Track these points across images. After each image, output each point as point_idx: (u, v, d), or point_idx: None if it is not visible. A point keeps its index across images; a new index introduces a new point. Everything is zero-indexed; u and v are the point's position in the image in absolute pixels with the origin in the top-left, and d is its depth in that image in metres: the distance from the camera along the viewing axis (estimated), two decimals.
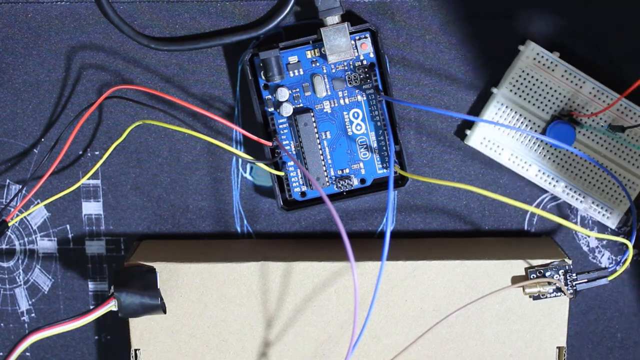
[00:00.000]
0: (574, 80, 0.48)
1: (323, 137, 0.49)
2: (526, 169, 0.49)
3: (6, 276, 0.53)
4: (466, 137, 0.49)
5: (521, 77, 0.48)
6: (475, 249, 0.50)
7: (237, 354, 0.49)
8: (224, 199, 0.52)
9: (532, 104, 0.48)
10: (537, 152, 0.49)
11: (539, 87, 0.48)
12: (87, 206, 0.52)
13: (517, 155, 0.49)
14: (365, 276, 0.48)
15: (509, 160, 0.49)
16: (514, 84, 0.48)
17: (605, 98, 0.48)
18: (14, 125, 0.51)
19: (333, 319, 0.48)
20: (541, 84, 0.48)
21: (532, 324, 0.48)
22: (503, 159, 0.49)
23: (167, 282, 0.48)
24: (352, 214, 0.52)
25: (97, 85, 0.50)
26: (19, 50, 0.50)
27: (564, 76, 0.48)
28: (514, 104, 0.48)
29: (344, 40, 0.47)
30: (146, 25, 0.49)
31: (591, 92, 0.48)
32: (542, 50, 0.48)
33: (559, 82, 0.48)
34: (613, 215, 0.50)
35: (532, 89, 0.48)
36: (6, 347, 0.54)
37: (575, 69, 0.48)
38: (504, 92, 0.48)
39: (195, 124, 0.51)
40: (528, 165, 0.49)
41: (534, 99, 0.48)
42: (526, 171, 0.49)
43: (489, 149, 0.49)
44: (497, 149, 0.49)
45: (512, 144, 0.49)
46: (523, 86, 0.48)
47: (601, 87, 0.48)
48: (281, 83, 0.48)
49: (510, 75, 0.48)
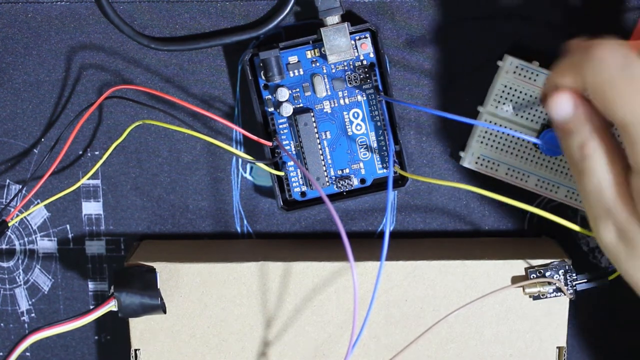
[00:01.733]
0: None
1: (323, 137, 0.49)
2: (525, 181, 0.49)
3: (6, 276, 0.53)
4: (461, 159, 0.49)
5: (504, 92, 0.48)
6: (475, 249, 0.50)
7: (237, 354, 0.49)
8: (224, 199, 0.52)
9: (520, 116, 0.48)
10: (533, 162, 0.49)
11: (524, 99, 0.48)
12: (87, 206, 0.52)
13: (513, 169, 0.49)
14: (365, 276, 0.48)
15: (506, 175, 0.49)
16: (498, 100, 0.48)
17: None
18: (14, 125, 0.51)
19: (333, 319, 0.48)
20: (525, 95, 0.48)
21: (532, 324, 0.48)
22: (500, 174, 0.49)
23: (167, 282, 0.48)
24: (352, 214, 0.52)
25: (97, 86, 0.50)
26: (19, 50, 0.50)
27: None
28: (502, 119, 0.48)
29: (344, 40, 0.47)
30: (146, 25, 0.49)
31: None
32: (521, 63, 0.48)
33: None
34: None
35: (518, 102, 0.48)
36: (6, 347, 0.54)
37: None
38: (490, 109, 0.48)
39: (195, 124, 0.51)
40: (527, 177, 0.49)
41: (521, 111, 0.48)
42: (525, 182, 0.49)
43: (485, 167, 0.49)
44: (494, 166, 0.49)
45: (508, 159, 0.49)
46: (508, 101, 0.48)
47: None
48: (281, 83, 0.48)
49: (493, 92, 0.48)
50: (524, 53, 0.49)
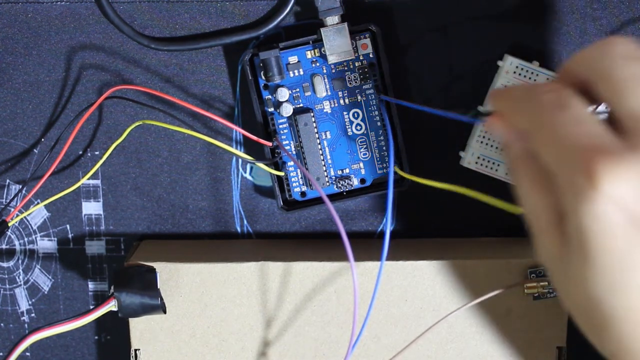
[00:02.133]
0: None
1: (323, 137, 0.49)
2: None
3: (6, 276, 0.53)
4: (461, 159, 0.49)
5: None
6: (475, 249, 0.50)
7: (237, 354, 0.49)
8: (224, 199, 0.52)
9: None
10: None
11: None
12: (87, 206, 0.52)
13: None
14: (365, 276, 0.48)
15: (507, 175, 0.49)
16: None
17: None
18: (14, 125, 0.51)
19: (333, 319, 0.48)
20: None
21: (532, 324, 0.48)
22: (500, 174, 0.49)
23: (167, 282, 0.48)
24: (352, 214, 0.52)
25: (97, 86, 0.50)
26: (19, 50, 0.50)
27: None
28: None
29: (344, 41, 0.47)
30: (146, 25, 0.49)
31: None
32: (520, 63, 0.48)
33: None
34: None
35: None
36: (6, 347, 0.54)
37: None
38: (490, 109, 0.48)
39: (195, 124, 0.51)
40: None
41: None
42: None
43: (485, 167, 0.49)
44: (493, 165, 0.49)
45: None
46: None
47: None
48: (281, 83, 0.48)
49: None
50: (524, 53, 0.49)
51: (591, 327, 0.34)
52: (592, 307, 0.32)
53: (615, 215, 0.30)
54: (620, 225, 0.30)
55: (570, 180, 0.31)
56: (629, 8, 0.48)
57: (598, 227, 0.30)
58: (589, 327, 0.34)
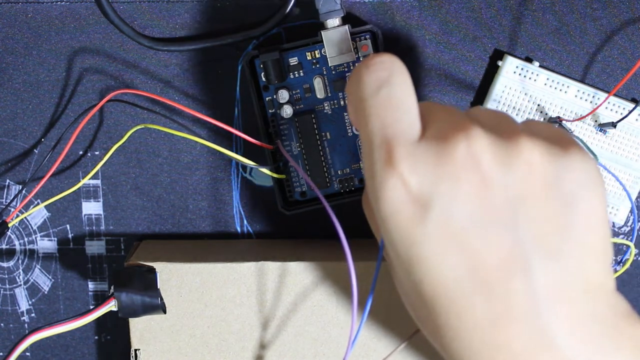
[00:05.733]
0: (558, 86, 0.48)
1: (323, 138, 0.49)
2: None
3: (6, 276, 0.53)
4: None
5: (504, 92, 0.48)
6: None
7: (237, 354, 0.49)
8: (224, 199, 0.52)
9: (520, 116, 0.48)
10: None
11: (524, 99, 0.48)
12: (87, 206, 0.52)
13: None
14: (365, 276, 0.48)
15: None
16: (498, 100, 0.48)
17: (591, 98, 0.48)
18: (14, 125, 0.51)
19: (333, 319, 0.49)
20: (525, 95, 0.48)
21: None
22: None
23: (167, 282, 0.48)
24: (351, 213, 0.52)
25: (98, 86, 0.50)
26: (19, 50, 0.50)
27: (547, 84, 0.48)
28: None
29: (345, 43, 0.47)
30: (146, 25, 0.49)
31: (577, 95, 0.48)
32: (520, 63, 0.48)
33: (543, 91, 0.48)
34: (612, 215, 0.50)
35: (517, 101, 0.48)
36: (6, 347, 0.54)
37: (558, 75, 0.48)
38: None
39: (196, 125, 0.51)
40: None
41: (521, 111, 0.48)
42: None
43: None
44: None
45: None
46: (508, 100, 0.48)
47: (586, 89, 0.48)
48: (282, 85, 0.48)
49: (493, 92, 0.48)
50: (524, 53, 0.49)
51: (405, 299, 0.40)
52: (400, 282, 0.38)
53: (402, 196, 0.34)
54: (405, 203, 0.34)
55: (373, 162, 0.35)
56: (629, 8, 0.48)
57: (390, 208, 0.35)
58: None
